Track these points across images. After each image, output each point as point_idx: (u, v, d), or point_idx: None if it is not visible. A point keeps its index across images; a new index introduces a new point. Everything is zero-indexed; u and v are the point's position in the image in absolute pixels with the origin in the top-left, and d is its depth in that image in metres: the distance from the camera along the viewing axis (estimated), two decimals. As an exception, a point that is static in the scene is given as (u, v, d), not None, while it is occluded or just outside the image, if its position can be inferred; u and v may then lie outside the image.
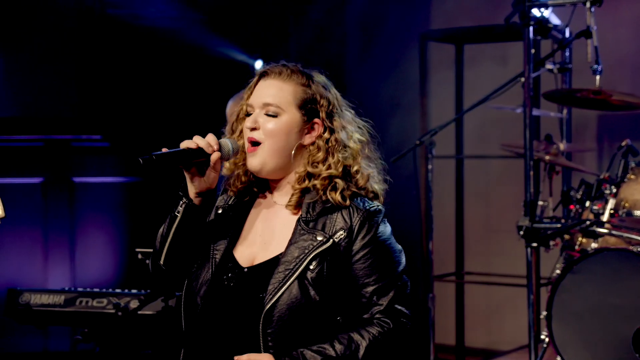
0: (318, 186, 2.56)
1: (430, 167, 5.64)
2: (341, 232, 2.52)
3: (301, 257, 2.48)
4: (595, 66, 4.80)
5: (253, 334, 2.45)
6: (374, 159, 2.70)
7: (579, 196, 5.11)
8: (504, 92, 5.50)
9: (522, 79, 5.19)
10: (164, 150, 2.50)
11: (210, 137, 2.56)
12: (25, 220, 6.33)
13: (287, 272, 2.47)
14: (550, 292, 4.65)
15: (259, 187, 2.69)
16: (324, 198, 2.56)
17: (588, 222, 4.70)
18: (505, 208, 6.75)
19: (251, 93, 2.66)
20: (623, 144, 4.78)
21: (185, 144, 2.53)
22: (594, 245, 4.80)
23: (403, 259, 2.60)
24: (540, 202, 5.18)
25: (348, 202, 2.56)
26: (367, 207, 2.56)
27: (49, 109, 6.51)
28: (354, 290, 2.52)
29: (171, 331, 4.09)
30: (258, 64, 6.76)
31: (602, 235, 4.72)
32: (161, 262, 2.62)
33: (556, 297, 4.64)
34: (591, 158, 6.72)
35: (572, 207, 5.12)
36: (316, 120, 2.62)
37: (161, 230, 2.63)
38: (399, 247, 2.63)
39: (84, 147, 6.58)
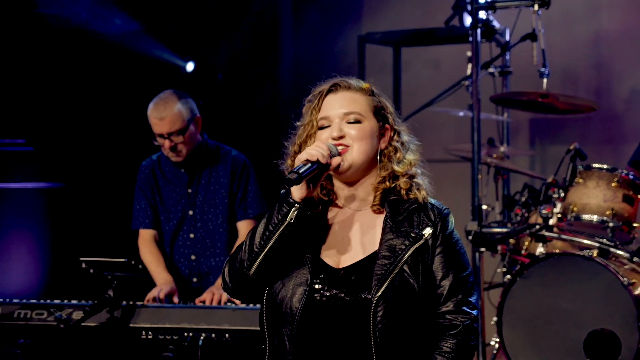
0: (402, 186, 2.76)
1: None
2: (428, 229, 2.72)
3: (399, 253, 2.67)
4: (543, 69, 4.79)
5: (362, 329, 2.63)
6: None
7: (523, 200, 5.09)
8: (440, 95, 5.46)
9: (466, 83, 5.16)
10: (297, 166, 2.64)
11: (322, 146, 2.68)
12: (-59, 229, 6.06)
13: (387, 267, 2.65)
14: (501, 298, 4.61)
15: (330, 196, 2.84)
16: (405, 197, 2.76)
17: (538, 227, 4.66)
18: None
19: (319, 108, 2.82)
20: (571, 147, 4.74)
21: (306, 156, 2.65)
22: (540, 249, 4.76)
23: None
24: (484, 206, 5.15)
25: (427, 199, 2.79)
26: (442, 208, 2.79)
27: (-33, 111, 6.22)
28: (432, 282, 2.72)
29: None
30: (190, 66, 6.61)
31: (551, 239, 4.69)
32: (251, 271, 2.72)
33: (506, 302, 4.60)
34: (523, 161, 6.74)
35: (517, 210, 5.09)
36: (386, 125, 2.83)
37: (252, 240, 2.73)
38: None
39: (5, 151, 6.30)
